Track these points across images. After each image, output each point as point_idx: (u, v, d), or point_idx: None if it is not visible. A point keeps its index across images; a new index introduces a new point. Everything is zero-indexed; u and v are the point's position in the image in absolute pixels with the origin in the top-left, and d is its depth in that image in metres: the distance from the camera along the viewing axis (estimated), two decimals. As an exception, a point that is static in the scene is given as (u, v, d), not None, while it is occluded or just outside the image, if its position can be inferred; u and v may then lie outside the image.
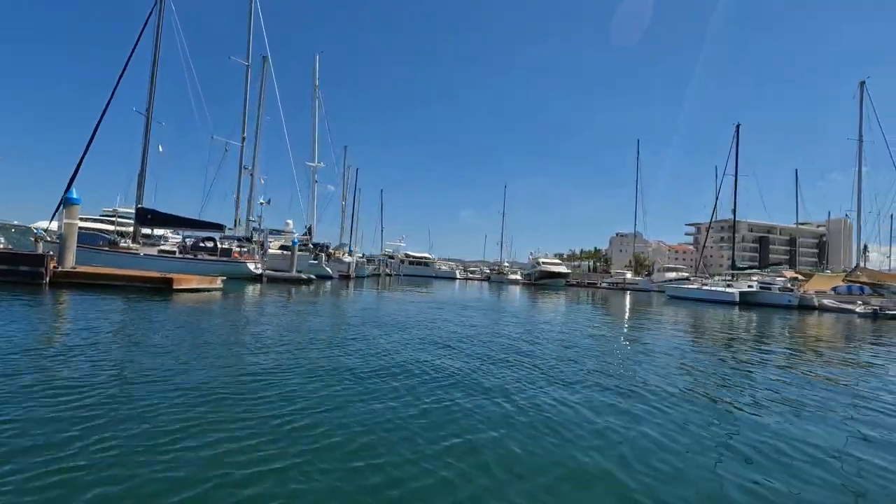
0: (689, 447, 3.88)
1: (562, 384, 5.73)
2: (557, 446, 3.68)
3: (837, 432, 4.60)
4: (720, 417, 4.86)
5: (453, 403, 4.61)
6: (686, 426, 4.43)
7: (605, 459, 3.48)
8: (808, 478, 3.43)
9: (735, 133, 38.18)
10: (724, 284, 35.49)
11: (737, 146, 37.99)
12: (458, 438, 3.65)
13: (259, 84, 36.35)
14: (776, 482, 3.29)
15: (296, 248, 26.22)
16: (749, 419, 4.84)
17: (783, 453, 3.89)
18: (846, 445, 4.21)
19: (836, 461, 3.79)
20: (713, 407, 5.29)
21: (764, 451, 3.90)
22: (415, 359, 6.66)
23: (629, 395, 5.43)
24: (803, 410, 5.33)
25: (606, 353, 8.41)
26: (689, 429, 4.36)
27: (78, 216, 13.93)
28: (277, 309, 11.95)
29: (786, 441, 4.18)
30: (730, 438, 4.19)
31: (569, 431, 4.02)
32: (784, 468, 3.58)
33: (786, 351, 10.71)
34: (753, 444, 4.06)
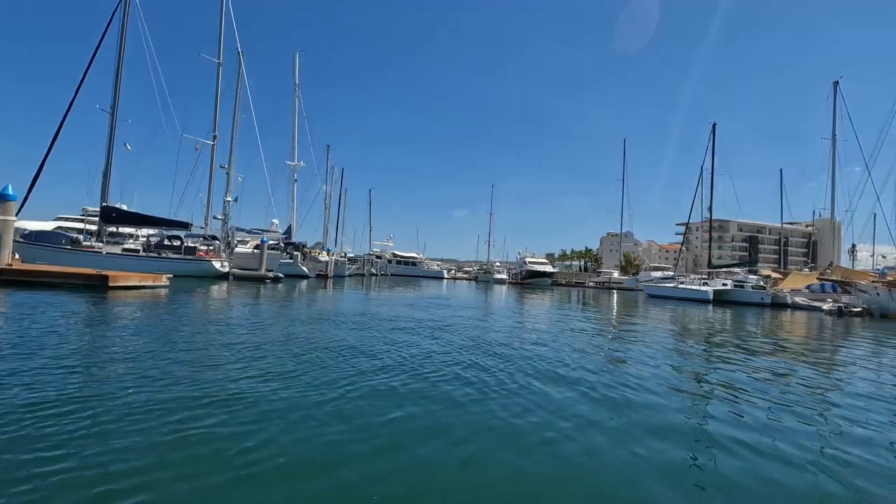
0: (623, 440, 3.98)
1: (476, 370, 5.70)
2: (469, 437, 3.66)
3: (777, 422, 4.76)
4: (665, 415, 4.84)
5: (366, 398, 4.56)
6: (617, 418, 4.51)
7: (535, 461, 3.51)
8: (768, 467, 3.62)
9: (711, 132, 38.40)
10: (701, 283, 35.64)
11: (713, 145, 38.21)
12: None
13: (235, 82, 36.29)
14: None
15: (265, 246, 26.04)
16: (698, 409, 4.98)
17: (733, 440, 4.13)
18: (775, 433, 4.44)
19: (768, 448, 4.03)
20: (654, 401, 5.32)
21: (711, 440, 4.10)
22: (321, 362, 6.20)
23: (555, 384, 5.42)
24: (746, 400, 5.54)
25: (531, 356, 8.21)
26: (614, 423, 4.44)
27: (13, 213, 13.76)
28: (218, 307, 11.80)
29: (728, 426, 4.46)
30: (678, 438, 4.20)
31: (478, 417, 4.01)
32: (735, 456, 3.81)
33: (743, 346, 10.79)
34: (700, 436, 4.19)
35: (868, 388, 6.70)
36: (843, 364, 8.99)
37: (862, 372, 8.05)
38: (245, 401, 4.30)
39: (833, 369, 8.37)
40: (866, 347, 11.96)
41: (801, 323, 19.56)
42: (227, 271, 23.17)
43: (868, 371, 8.18)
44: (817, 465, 3.73)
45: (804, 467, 3.66)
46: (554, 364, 6.94)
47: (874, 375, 7.80)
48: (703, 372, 7.29)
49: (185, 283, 18.94)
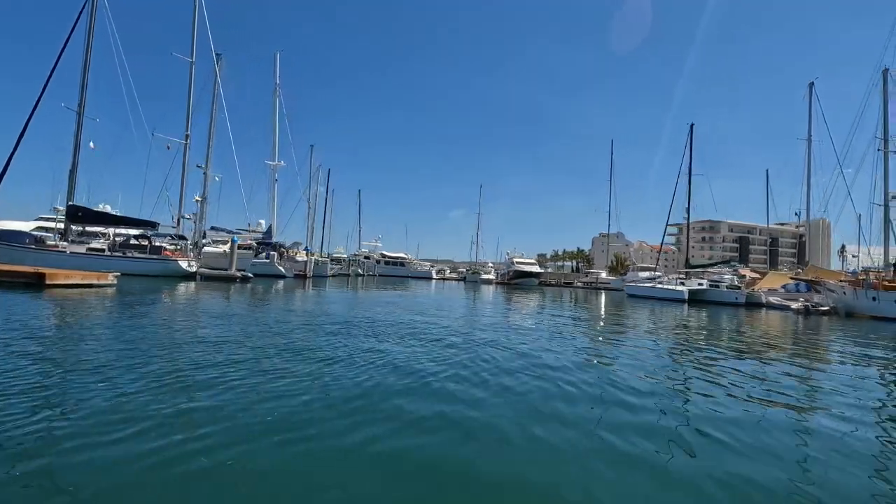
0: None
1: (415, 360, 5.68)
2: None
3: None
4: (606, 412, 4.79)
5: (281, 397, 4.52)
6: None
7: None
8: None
9: (689, 133, 38.62)
10: (678, 283, 35.81)
11: (690, 146, 38.42)
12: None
13: (213, 82, 36.18)
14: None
15: (235, 245, 25.94)
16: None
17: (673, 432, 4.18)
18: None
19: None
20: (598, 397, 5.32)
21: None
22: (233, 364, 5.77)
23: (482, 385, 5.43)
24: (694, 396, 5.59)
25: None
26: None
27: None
28: (156, 307, 11.70)
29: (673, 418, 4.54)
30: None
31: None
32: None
33: (701, 343, 10.98)
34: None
35: (796, 382, 6.75)
36: (781, 359, 9.01)
37: (789, 367, 8.11)
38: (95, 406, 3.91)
39: (771, 363, 8.39)
40: (816, 343, 12.08)
41: (766, 321, 19.65)
42: (194, 271, 23.07)
43: (797, 367, 8.24)
44: (762, 455, 3.79)
45: (744, 456, 3.74)
46: (499, 368, 6.62)
47: (803, 372, 7.84)
48: (652, 368, 7.30)
49: (147, 283, 18.83)
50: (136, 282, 19.36)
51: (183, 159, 28.23)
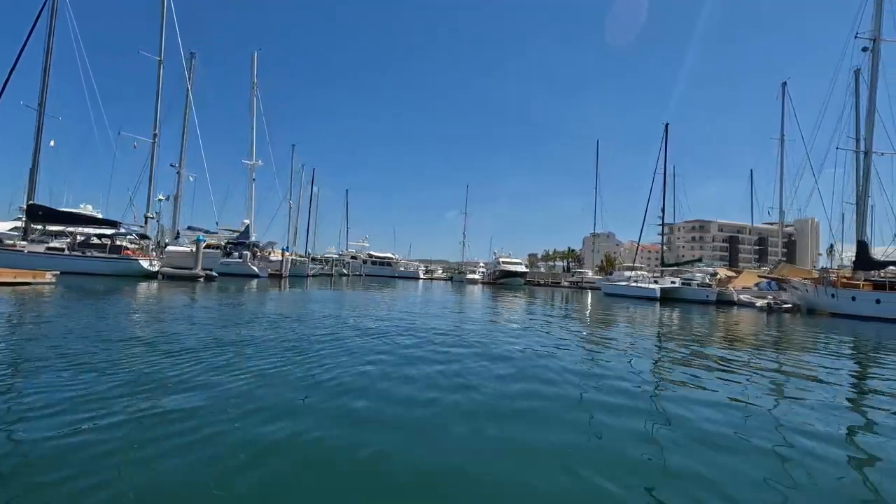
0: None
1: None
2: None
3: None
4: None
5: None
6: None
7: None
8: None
9: (664, 133, 38.80)
10: (651, 281, 35.98)
11: (665, 145, 38.62)
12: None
13: (187, 81, 35.99)
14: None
15: (200, 245, 25.80)
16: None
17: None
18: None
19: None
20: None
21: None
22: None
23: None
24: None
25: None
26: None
27: None
28: (90, 307, 11.59)
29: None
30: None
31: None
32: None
33: (655, 338, 11.08)
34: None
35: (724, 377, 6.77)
36: (727, 356, 9.04)
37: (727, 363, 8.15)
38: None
39: (711, 358, 8.45)
40: (764, 339, 12.14)
41: (727, 318, 19.67)
42: (156, 270, 22.94)
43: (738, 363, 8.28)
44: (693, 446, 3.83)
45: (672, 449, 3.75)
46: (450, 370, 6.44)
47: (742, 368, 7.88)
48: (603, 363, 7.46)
49: (104, 282, 18.70)
50: (93, 281, 19.22)
51: (151, 158, 28.08)
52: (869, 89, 23.07)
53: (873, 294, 20.87)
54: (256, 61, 42.36)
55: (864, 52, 23.38)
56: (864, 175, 23.39)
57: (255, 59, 42.45)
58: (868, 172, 23.28)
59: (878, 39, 22.88)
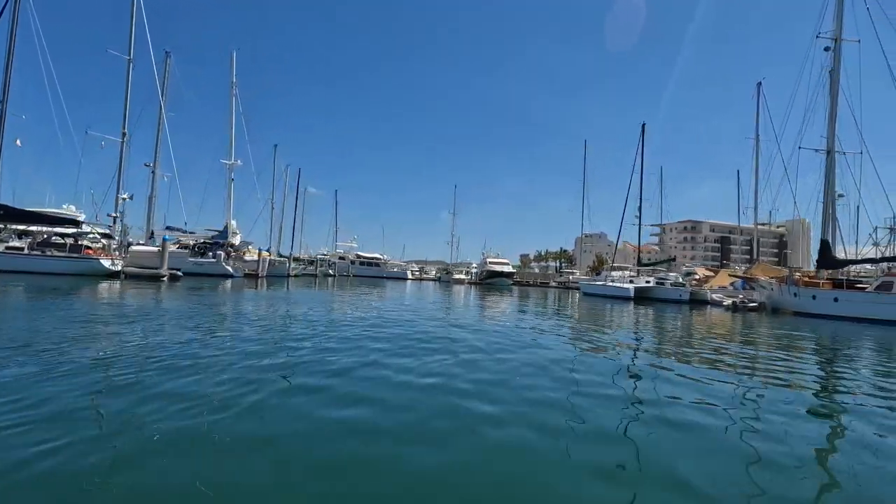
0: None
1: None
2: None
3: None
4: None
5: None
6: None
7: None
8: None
9: (641, 132, 38.90)
10: (628, 281, 36.04)
11: (642, 145, 38.71)
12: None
13: (156, 80, 35.88)
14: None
15: (166, 244, 25.67)
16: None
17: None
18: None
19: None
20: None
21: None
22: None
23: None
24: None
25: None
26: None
27: None
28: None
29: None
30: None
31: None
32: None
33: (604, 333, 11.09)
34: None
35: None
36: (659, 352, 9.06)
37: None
38: None
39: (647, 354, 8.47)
40: (714, 334, 12.13)
41: (692, 317, 19.55)
42: (118, 269, 22.80)
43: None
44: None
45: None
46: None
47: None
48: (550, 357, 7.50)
49: (63, 282, 18.56)
50: (52, 280, 19.08)
51: (119, 157, 27.95)
52: (830, 89, 23.18)
53: (832, 293, 20.93)
54: (235, 61, 42.31)
55: (827, 52, 23.49)
56: (828, 174, 23.48)
57: (233, 59, 42.39)
58: (831, 172, 23.38)
59: (840, 39, 22.98)
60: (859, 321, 18.89)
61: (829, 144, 23.33)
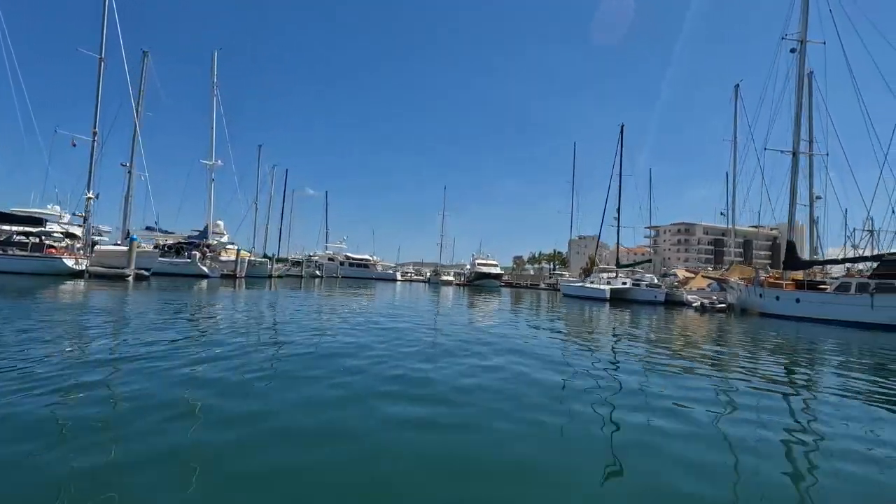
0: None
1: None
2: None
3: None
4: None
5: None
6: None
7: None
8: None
9: (620, 134, 38.96)
10: (605, 282, 36.02)
11: (621, 146, 38.75)
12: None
13: (139, 80, 35.88)
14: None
15: (133, 244, 25.55)
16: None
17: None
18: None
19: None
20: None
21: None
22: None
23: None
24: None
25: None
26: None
27: None
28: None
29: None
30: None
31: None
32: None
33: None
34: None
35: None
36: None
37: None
38: None
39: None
40: (667, 336, 12.08)
41: (660, 318, 19.43)
42: (81, 269, 22.70)
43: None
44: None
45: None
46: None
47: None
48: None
49: (23, 281, 18.44)
50: (12, 280, 18.95)
51: (90, 157, 27.86)
52: (796, 91, 23.21)
53: (794, 293, 20.90)
54: (216, 62, 42.25)
55: (793, 54, 23.54)
56: (793, 175, 23.50)
57: (214, 60, 42.28)
58: (796, 172, 23.39)
59: (805, 41, 23.03)
60: (820, 322, 18.84)
61: (793, 146, 23.35)
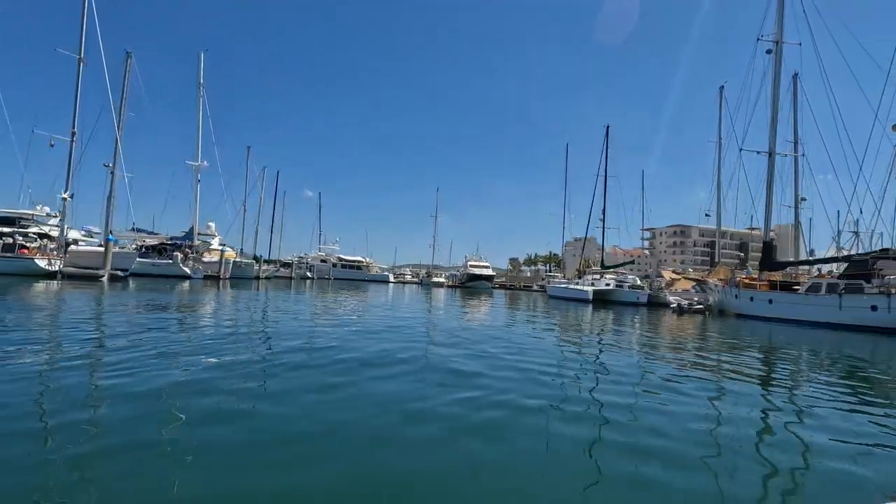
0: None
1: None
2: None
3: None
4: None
5: None
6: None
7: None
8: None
9: (605, 135, 38.94)
10: (590, 283, 35.96)
11: (606, 147, 38.74)
12: None
13: (122, 80, 35.82)
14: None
15: (110, 245, 25.44)
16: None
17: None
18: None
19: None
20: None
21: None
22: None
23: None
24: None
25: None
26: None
27: None
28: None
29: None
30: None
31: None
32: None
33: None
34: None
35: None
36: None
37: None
38: None
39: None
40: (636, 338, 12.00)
41: (634, 319, 19.27)
42: (55, 269, 22.60)
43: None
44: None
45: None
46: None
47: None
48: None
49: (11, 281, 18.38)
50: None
51: (69, 157, 27.77)
52: (772, 91, 23.17)
53: (767, 294, 20.80)
54: (203, 63, 42.24)
55: (769, 55, 23.52)
56: (769, 175, 23.45)
57: (201, 61, 42.26)
58: (772, 173, 23.34)
59: (781, 42, 23.01)
60: (792, 322, 18.74)
61: (770, 146, 23.31)
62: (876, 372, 8.69)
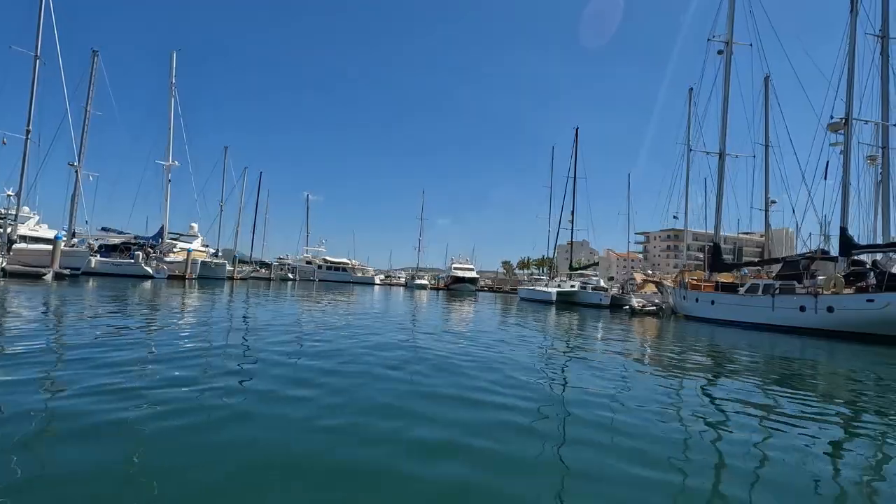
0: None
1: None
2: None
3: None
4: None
5: None
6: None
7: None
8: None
9: (574, 136, 38.77)
10: (555, 285, 35.72)
11: (576, 148, 38.54)
12: None
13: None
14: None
15: (58, 243, 25.26)
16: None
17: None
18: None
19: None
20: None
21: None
22: None
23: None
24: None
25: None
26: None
27: None
28: None
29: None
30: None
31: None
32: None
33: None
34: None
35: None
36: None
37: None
38: None
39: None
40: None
41: (581, 320, 18.93)
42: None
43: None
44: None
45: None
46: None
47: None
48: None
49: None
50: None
51: (23, 155, 27.68)
52: (723, 92, 22.94)
53: (711, 295, 20.48)
54: (175, 62, 42.23)
55: (720, 55, 23.30)
56: (720, 176, 23.19)
57: (173, 60, 42.27)
58: (722, 174, 23.08)
59: (731, 42, 22.80)
60: (732, 324, 18.38)
61: (720, 147, 23.06)
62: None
